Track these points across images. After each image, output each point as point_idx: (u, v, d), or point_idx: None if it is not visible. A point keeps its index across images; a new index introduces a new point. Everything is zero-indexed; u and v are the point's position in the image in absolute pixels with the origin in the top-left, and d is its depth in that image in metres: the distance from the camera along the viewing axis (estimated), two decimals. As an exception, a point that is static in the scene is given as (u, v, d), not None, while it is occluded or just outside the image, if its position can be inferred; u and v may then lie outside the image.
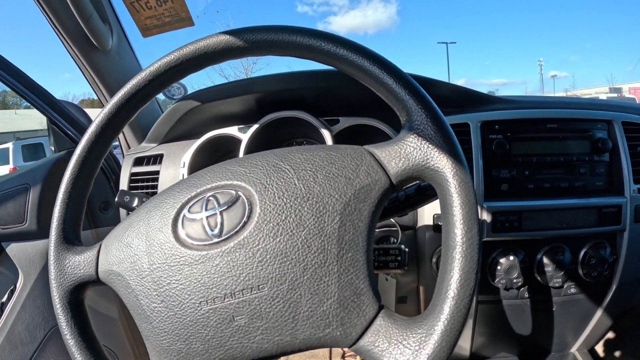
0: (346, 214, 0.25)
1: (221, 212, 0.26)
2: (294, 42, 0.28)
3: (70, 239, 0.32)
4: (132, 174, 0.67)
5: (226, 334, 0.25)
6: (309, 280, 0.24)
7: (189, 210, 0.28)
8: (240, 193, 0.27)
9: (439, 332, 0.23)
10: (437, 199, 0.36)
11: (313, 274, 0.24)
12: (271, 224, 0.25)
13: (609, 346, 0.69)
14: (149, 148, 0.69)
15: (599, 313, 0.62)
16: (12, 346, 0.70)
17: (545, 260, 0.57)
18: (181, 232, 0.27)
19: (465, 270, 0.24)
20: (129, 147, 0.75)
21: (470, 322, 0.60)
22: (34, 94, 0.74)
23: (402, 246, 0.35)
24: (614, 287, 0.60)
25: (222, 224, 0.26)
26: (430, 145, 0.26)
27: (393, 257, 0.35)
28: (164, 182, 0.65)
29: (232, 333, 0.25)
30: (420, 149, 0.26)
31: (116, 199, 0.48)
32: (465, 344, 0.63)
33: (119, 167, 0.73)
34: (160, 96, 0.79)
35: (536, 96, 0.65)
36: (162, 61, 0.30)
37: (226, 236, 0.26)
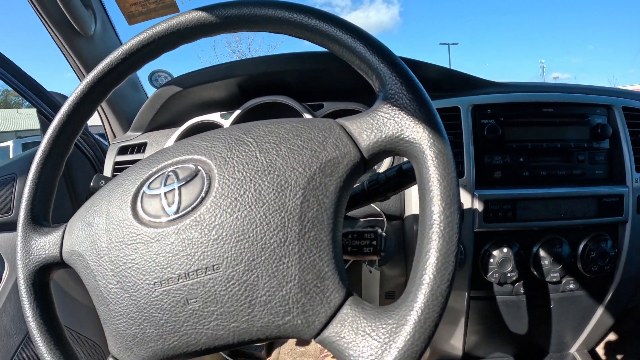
0: (310, 189, 0.23)
1: (179, 188, 0.25)
2: (265, 16, 0.26)
3: (39, 220, 0.31)
4: (116, 163, 0.66)
5: (180, 319, 0.23)
6: (267, 261, 0.22)
7: (148, 187, 0.26)
8: (200, 167, 0.26)
9: (411, 323, 0.20)
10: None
11: (271, 254, 0.23)
12: (229, 200, 0.24)
13: (610, 348, 0.64)
14: (133, 137, 0.68)
15: (599, 311, 0.58)
16: (-3, 338, 0.68)
17: (542, 253, 0.53)
18: (139, 209, 0.26)
19: (442, 252, 0.21)
20: (115, 137, 0.73)
21: (462, 320, 0.57)
22: (24, 85, 0.73)
23: (378, 229, 0.32)
24: (615, 283, 0.56)
25: (179, 199, 0.25)
26: (405, 115, 0.24)
27: (367, 242, 0.32)
28: (146, 171, 0.63)
29: (186, 317, 0.23)
30: (394, 119, 0.24)
31: (91, 184, 0.46)
32: (457, 343, 0.59)
33: (106, 158, 0.72)
34: (149, 87, 0.78)
35: (531, 82, 0.62)
36: (135, 40, 0.29)
37: (183, 212, 0.24)
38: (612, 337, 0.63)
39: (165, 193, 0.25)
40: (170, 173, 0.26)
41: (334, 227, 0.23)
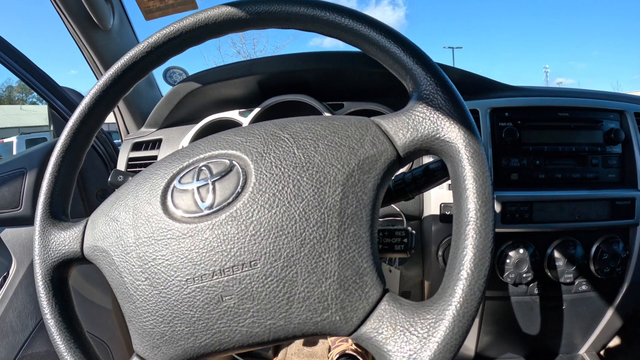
0: (349, 186, 0.23)
1: (213, 182, 0.24)
2: (297, 14, 0.26)
3: (57, 214, 0.30)
4: (130, 159, 0.64)
5: (213, 316, 0.23)
6: (306, 257, 0.22)
7: (179, 181, 0.25)
8: (235, 162, 0.25)
9: (450, 318, 0.20)
10: (445, 181, 0.33)
11: (311, 250, 0.22)
12: (267, 195, 0.23)
13: (618, 350, 0.65)
14: (147, 133, 0.66)
15: (609, 313, 0.58)
16: (3, 334, 0.66)
17: (556, 254, 0.53)
18: (170, 204, 0.25)
19: (479, 249, 0.21)
20: (128, 133, 0.72)
21: (476, 320, 0.56)
22: (34, 78, 0.71)
23: (409, 228, 0.31)
24: (625, 285, 0.57)
25: (214, 194, 0.24)
26: (440, 115, 0.24)
27: (399, 239, 0.31)
28: (161, 167, 0.61)
29: (220, 315, 0.22)
30: (429, 119, 0.24)
31: (109, 179, 0.45)
32: (470, 344, 0.59)
33: (118, 155, 0.70)
34: (163, 84, 0.77)
35: (547, 87, 0.62)
36: (160, 33, 0.28)
37: (217, 208, 0.23)
38: (620, 339, 0.64)
39: (198, 188, 0.24)
40: (203, 167, 0.25)
41: (372, 224, 0.23)
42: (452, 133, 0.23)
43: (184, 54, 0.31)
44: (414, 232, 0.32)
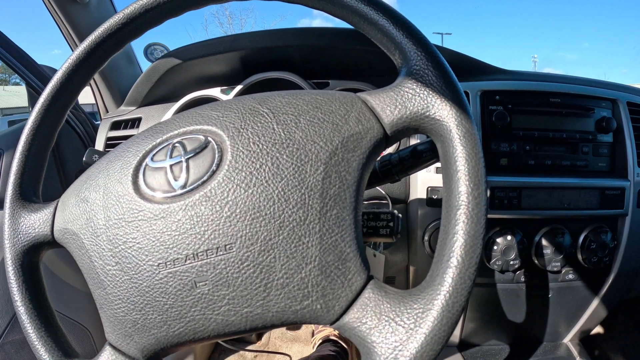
0: (332, 164, 0.21)
1: (187, 160, 0.22)
2: None
3: (28, 195, 0.28)
4: (108, 138, 0.60)
5: (187, 303, 0.21)
6: (285, 241, 0.20)
7: (152, 159, 0.23)
8: (210, 138, 0.23)
9: (438, 307, 0.19)
10: (434, 163, 0.30)
11: (290, 233, 0.20)
12: (243, 173, 0.21)
13: (601, 338, 0.63)
14: (127, 111, 0.62)
15: (595, 302, 0.56)
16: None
17: (544, 242, 0.50)
18: (142, 183, 0.23)
19: (470, 234, 0.19)
20: (107, 112, 0.67)
21: None
22: (11, 55, 0.66)
23: (395, 211, 0.29)
24: (612, 276, 0.54)
25: (187, 173, 0.22)
26: (430, 92, 0.22)
27: (384, 223, 0.28)
28: (139, 147, 0.57)
29: (193, 302, 0.21)
30: (419, 95, 0.22)
31: (84, 158, 0.42)
32: (455, 331, 0.56)
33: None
34: (144, 60, 0.72)
35: (536, 72, 0.59)
36: (137, 3, 0.25)
37: (191, 187, 0.22)
38: (603, 327, 0.62)
39: (171, 166, 0.22)
40: (176, 144, 0.23)
41: (355, 206, 0.21)
42: (443, 111, 0.21)
43: (169, 33, 0.30)
44: (399, 215, 0.29)
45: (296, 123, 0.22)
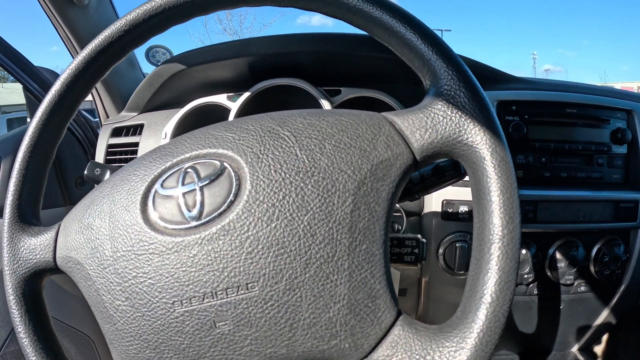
0: (360, 195, 0.20)
1: (201, 188, 0.21)
2: None
3: (27, 218, 0.26)
4: (109, 146, 0.57)
5: (206, 344, 0.20)
6: (312, 279, 0.19)
7: (162, 185, 0.22)
8: (226, 164, 0.21)
9: (471, 346, 0.18)
10: (456, 181, 0.29)
11: (318, 271, 0.19)
12: (265, 205, 0.20)
13: (610, 346, 0.63)
14: (128, 117, 0.59)
15: (605, 313, 0.55)
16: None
17: (558, 255, 0.49)
18: (152, 212, 0.21)
19: (505, 270, 0.19)
20: (108, 117, 0.64)
21: None
22: (7, 57, 0.62)
23: (419, 236, 0.28)
24: (623, 286, 0.54)
25: (202, 203, 0.20)
26: (463, 115, 0.21)
27: (409, 250, 0.27)
28: (143, 155, 0.55)
29: (213, 342, 0.20)
30: (450, 118, 0.21)
31: (85, 172, 0.39)
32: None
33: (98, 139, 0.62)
34: (146, 64, 0.69)
35: (551, 79, 0.57)
36: (141, 9, 0.24)
37: (207, 219, 0.20)
38: (611, 336, 0.61)
39: (183, 194, 0.21)
40: (189, 169, 0.21)
41: (385, 239, 0.20)
42: (476, 137, 0.20)
43: (168, 32, 0.26)
44: (424, 240, 0.28)
45: (321, 148, 0.21)
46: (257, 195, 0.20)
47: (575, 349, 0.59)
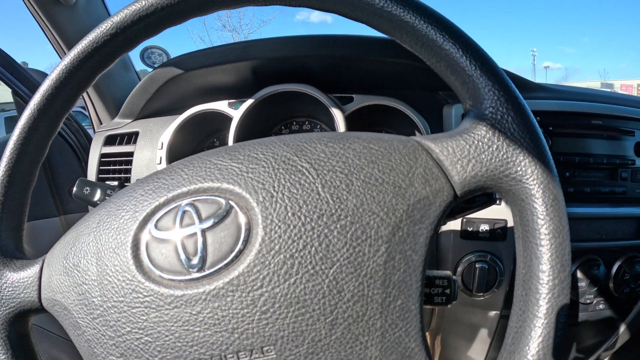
0: (395, 242, 0.17)
1: (203, 232, 0.18)
2: None
3: (9, 251, 0.23)
4: (103, 155, 0.53)
5: None
6: (338, 341, 0.17)
7: (155, 226, 0.18)
8: (232, 203, 0.18)
9: None
10: (484, 208, 0.26)
11: (345, 332, 0.17)
12: (281, 256, 0.17)
13: (621, 358, 0.61)
14: (122, 124, 0.54)
15: (620, 329, 0.53)
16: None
17: (579, 274, 0.46)
18: (145, 259, 0.18)
19: (553, 327, 0.17)
20: (101, 123, 0.59)
21: (489, 337, 0.50)
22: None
23: (450, 274, 0.25)
24: (640, 304, 0.51)
25: (204, 250, 0.17)
26: (511, 144, 0.18)
27: (440, 290, 0.24)
28: (138, 166, 0.51)
29: None
30: (497, 147, 0.18)
31: (74, 190, 0.36)
32: (478, 358, 0.53)
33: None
34: (141, 65, 0.64)
35: (574, 86, 0.54)
36: (129, 9, 0.20)
37: (211, 270, 0.17)
38: (625, 351, 0.60)
39: (182, 239, 0.18)
40: (187, 208, 0.18)
41: (421, 292, 0.18)
42: (526, 170, 0.18)
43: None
44: (455, 279, 0.25)
45: (347, 185, 0.18)
46: (271, 244, 0.17)
47: (587, 364, 0.57)
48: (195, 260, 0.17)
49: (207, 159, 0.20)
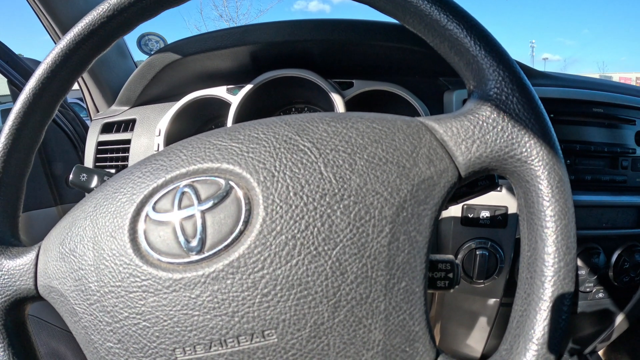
0: (399, 223, 0.17)
1: (202, 213, 0.17)
2: None
3: (5, 238, 0.22)
4: (99, 143, 0.51)
5: None
6: (341, 324, 0.16)
7: (153, 208, 0.18)
8: (232, 183, 0.17)
9: None
10: (486, 192, 0.25)
11: (348, 315, 0.16)
12: (283, 237, 0.16)
13: (620, 351, 0.60)
14: (119, 112, 0.52)
15: (618, 318, 0.52)
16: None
17: (579, 263, 0.45)
18: (142, 242, 0.17)
19: (559, 310, 0.17)
20: (98, 111, 0.57)
21: (488, 325, 0.49)
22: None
23: (453, 258, 0.24)
24: (639, 293, 0.50)
25: (203, 231, 0.17)
26: (516, 125, 0.17)
27: (442, 274, 0.23)
28: (135, 154, 0.49)
29: None
30: (502, 128, 0.17)
31: (70, 177, 0.34)
32: (477, 346, 0.52)
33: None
34: (138, 54, 0.61)
35: (576, 75, 0.52)
36: None
37: (210, 252, 0.16)
38: (623, 340, 0.59)
39: (181, 220, 0.17)
40: (186, 189, 0.17)
41: (425, 273, 0.17)
42: (532, 151, 0.17)
43: (161, 18, 0.23)
44: (458, 263, 0.24)
45: (351, 164, 0.17)
46: (273, 225, 0.16)
47: (587, 351, 0.56)
48: (194, 243, 0.16)
49: (207, 139, 0.19)
